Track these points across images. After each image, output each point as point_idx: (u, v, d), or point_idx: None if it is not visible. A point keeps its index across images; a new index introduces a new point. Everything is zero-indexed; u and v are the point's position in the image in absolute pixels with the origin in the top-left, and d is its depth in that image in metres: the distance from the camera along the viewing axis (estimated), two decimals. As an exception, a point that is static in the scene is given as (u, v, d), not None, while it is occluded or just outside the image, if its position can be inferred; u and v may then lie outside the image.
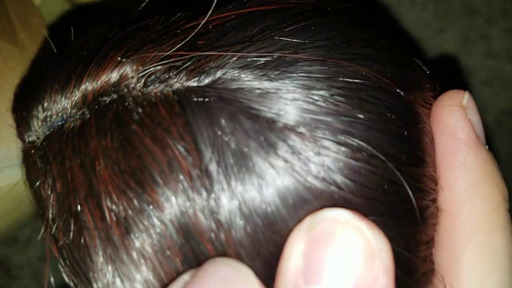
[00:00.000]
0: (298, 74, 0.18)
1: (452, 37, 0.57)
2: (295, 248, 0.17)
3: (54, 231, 0.19)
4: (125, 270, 0.18)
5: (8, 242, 0.55)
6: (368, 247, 0.17)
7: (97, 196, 0.18)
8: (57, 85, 0.20)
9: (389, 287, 0.17)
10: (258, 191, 0.18)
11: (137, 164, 0.18)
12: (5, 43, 0.31)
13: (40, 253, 0.55)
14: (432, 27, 0.57)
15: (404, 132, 0.20)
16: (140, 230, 0.18)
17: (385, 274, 0.17)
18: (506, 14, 0.56)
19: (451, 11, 0.57)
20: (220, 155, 0.18)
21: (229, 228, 0.18)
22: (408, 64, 0.22)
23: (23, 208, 0.35)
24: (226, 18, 0.20)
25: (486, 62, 0.56)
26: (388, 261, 0.17)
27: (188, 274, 0.17)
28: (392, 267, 0.17)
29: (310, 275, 0.17)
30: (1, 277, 0.55)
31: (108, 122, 0.19)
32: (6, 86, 0.29)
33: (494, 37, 0.56)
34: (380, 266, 0.17)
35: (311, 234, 0.17)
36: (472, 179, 0.21)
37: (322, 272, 0.17)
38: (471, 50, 0.57)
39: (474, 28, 0.57)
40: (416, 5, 0.57)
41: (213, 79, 0.19)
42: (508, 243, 0.21)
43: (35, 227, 0.55)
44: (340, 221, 0.17)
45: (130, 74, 0.19)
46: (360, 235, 0.17)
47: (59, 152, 0.19)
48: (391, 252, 0.17)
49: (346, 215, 0.17)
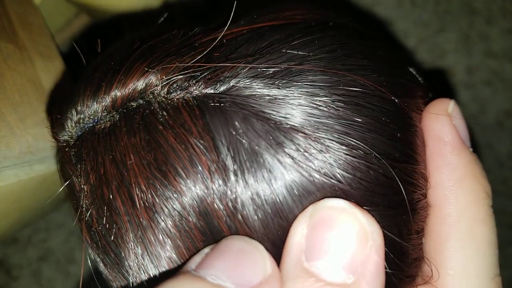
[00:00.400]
0: (303, 82, 0.22)
1: (452, 37, 0.58)
2: (299, 230, 0.21)
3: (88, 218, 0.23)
4: (153, 249, 0.22)
5: (8, 242, 0.57)
6: (362, 230, 0.20)
7: (128, 186, 0.21)
8: (89, 91, 0.23)
9: (380, 264, 0.20)
10: (268, 183, 0.21)
11: (162, 159, 0.21)
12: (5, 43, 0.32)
13: (40, 253, 0.57)
14: (432, 27, 0.58)
15: (398, 134, 0.23)
16: (165, 214, 0.21)
17: (376, 253, 0.20)
18: (506, 14, 0.58)
19: (451, 11, 0.58)
20: (235, 152, 0.21)
21: (242, 214, 0.21)
22: (402, 73, 0.25)
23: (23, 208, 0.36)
24: (238, 33, 0.23)
25: (486, 62, 0.58)
26: (379, 242, 0.20)
27: (208, 248, 0.21)
28: (382, 248, 0.21)
29: (311, 253, 0.20)
30: (1, 277, 0.56)
31: (136, 123, 0.22)
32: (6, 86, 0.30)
33: (494, 37, 0.58)
34: (372, 246, 0.20)
35: (313, 219, 0.21)
36: (456, 177, 0.25)
37: (322, 250, 0.20)
38: (471, 50, 0.58)
39: (474, 28, 0.58)
40: (416, 5, 0.58)
41: (228, 87, 0.22)
42: (489, 234, 0.25)
43: (35, 227, 0.57)
44: (338, 209, 0.21)
45: (155, 83, 0.22)
46: (354, 220, 0.20)
47: (92, 149, 0.23)
48: (382, 236, 0.21)
49: (343, 204, 0.21)
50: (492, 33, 0.58)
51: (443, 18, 0.58)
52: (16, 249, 0.57)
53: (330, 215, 0.20)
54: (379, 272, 0.20)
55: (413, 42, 0.58)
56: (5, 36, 0.33)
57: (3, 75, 0.31)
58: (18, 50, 0.33)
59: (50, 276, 0.57)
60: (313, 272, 0.20)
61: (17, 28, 0.34)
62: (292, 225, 0.21)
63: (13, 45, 0.33)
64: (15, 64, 0.32)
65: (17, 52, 0.33)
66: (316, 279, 0.20)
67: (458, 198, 0.25)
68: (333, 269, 0.20)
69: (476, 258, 0.25)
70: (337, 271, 0.20)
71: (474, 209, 0.25)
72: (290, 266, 0.21)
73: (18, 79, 0.32)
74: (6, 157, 0.29)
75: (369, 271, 0.20)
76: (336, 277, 0.20)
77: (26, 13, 0.36)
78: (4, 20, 0.34)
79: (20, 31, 0.35)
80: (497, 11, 0.58)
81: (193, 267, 0.20)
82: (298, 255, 0.20)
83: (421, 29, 0.58)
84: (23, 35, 0.35)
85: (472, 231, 0.25)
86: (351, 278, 0.20)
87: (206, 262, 0.20)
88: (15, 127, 0.30)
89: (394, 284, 0.23)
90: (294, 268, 0.20)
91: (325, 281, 0.20)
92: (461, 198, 0.25)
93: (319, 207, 0.21)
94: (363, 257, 0.20)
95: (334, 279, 0.20)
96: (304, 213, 0.21)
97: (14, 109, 0.30)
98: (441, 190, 0.25)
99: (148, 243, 0.21)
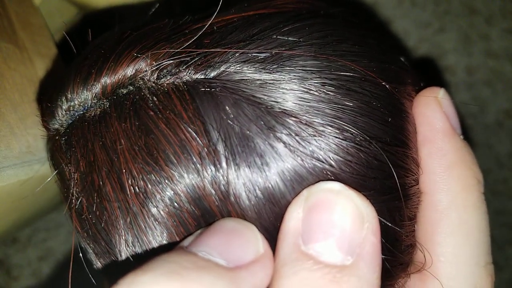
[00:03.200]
0: (294, 67, 0.22)
1: (452, 37, 0.58)
2: (294, 214, 0.21)
3: (78, 206, 0.23)
4: (143, 236, 0.21)
5: (8, 242, 0.57)
6: (358, 212, 0.20)
7: (118, 172, 0.21)
8: (79, 78, 0.23)
9: (377, 245, 0.20)
10: (259, 168, 0.21)
11: (153, 145, 0.21)
12: (5, 43, 0.32)
13: (40, 253, 0.57)
14: (432, 27, 0.58)
15: (389, 119, 0.23)
16: (157, 200, 0.21)
17: (373, 234, 0.20)
18: (506, 14, 0.58)
19: (451, 11, 0.58)
20: (226, 137, 0.21)
21: (234, 199, 0.21)
22: (392, 61, 0.25)
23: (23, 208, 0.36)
24: (229, 20, 0.23)
25: (486, 62, 0.58)
26: (375, 223, 0.20)
27: (201, 230, 0.21)
28: (378, 229, 0.21)
29: (308, 236, 0.20)
30: (1, 277, 0.56)
31: (127, 109, 0.22)
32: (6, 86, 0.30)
33: (494, 37, 0.58)
34: (369, 227, 0.20)
35: (308, 202, 0.21)
36: (446, 163, 0.25)
37: (319, 233, 0.20)
38: (471, 50, 0.58)
39: (474, 28, 0.58)
40: (416, 6, 0.58)
41: (218, 72, 0.22)
42: (480, 220, 0.25)
43: (35, 227, 0.57)
44: (334, 191, 0.20)
45: (145, 68, 0.22)
46: (350, 202, 0.20)
47: (82, 136, 0.23)
48: (377, 218, 0.21)
49: (338, 186, 0.21)
50: (492, 33, 0.58)
51: (443, 18, 0.58)
52: (16, 249, 0.57)
53: (326, 198, 0.20)
54: (376, 253, 0.20)
55: (413, 42, 0.58)
56: (5, 36, 0.33)
57: (3, 75, 0.31)
58: (18, 50, 0.33)
59: (50, 276, 0.56)
60: (311, 255, 0.20)
61: (17, 28, 0.34)
62: (287, 209, 0.21)
63: (13, 45, 0.33)
64: (15, 64, 0.32)
65: (17, 52, 0.33)
66: (314, 262, 0.20)
67: (448, 185, 0.25)
68: (331, 251, 0.20)
69: (467, 245, 0.25)
70: (335, 253, 0.20)
71: (464, 195, 0.25)
72: (287, 250, 0.20)
73: (18, 79, 0.31)
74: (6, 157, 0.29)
75: (367, 252, 0.20)
76: (334, 259, 0.20)
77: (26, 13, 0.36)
78: (4, 20, 0.34)
79: (20, 31, 0.34)
80: (497, 11, 0.58)
81: (186, 245, 0.20)
82: (295, 238, 0.20)
83: (421, 29, 0.58)
84: (23, 35, 0.34)
85: (462, 217, 0.25)
86: (349, 260, 0.20)
87: (199, 239, 0.20)
88: (15, 127, 0.30)
89: (387, 271, 0.23)
90: (291, 251, 0.20)
91: (324, 263, 0.20)
92: (451, 184, 0.25)
93: (314, 190, 0.21)
94: (361, 238, 0.20)
95: (333, 260, 0.20)
96: (299, 196, 0.21)
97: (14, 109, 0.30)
98: (431, 176, 0.25)
99: (138, 229, 0.21)
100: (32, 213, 0.41)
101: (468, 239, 0.25)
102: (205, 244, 0.19)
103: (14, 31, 0.34)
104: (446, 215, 0.25)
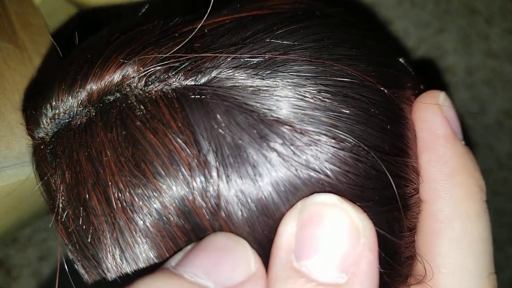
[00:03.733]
0: (288, 73, 0.21)
1: (452, 37, 0.57)
2: (287, 228, 0.20)
3: (64, 219, 0.21)
4: (131, 250, 0.20)
5: (8, 242, 0.56)
6: (354, 226, 0.19)
7: (104, 185, 0.20)
8: (64, 85, 0.22)
9: (373, 262, 0.19)
10: (252, 179, 0.20)
11: (140, 156, 0.20)
12: (5, 43, 0.32)
13: (40, 253, 0.56)
14: (432, 27, 0.57)
15: (387, 126, 0.22)
16: (144, 214, 0.20)
17: (370, 250, 0.19)
18: (506, 14, 0.57)
19: (451, 11, 0.57)
20: (217, 147, 0.20)
21: (226, 212, 0.20)
22: (392, 63, 0.24)
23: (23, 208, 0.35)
24: (221, 22, 0.22)
25: (486, 62, 0.57)
26: (372, 239, 0.19)
27: (191, 245, 0.20)
28: (376, 245, 0.19)
29: (301, 252, 0.19)
30: (1, 277, 0.55)
31: (113, 118, 0.21)
32: (6, 86, 0.30)
33: (494, 37, 0.57)
34: (365, 243, 0.19)
35: (302, 216, 0.20)
36: (448, 170, 0.24)
37: (312, 249, 0.19)
38: (471, 50, 0.57)
39: (474, 28, 0.57)
40: (416, 6, 0.57)
41: (209, 78, 0.21)
42: (483, 230, 0.24)
43: (35, 227, 0.56)
44: (328, 204, 0.19)
45: (132, 75, 0.21)
46: (345, 216, 0.19)
47: (67, 146, 0.21)
48: (375, 232, 0.20)
49: (333, 199, 0.20)
50: (492, 33, 0.57)
51: (443, 18, 0.57)
52: (16, 249, 0.56)
53: (320, 212, 0.19)
54: (372, 270, 0.19)
55: (413, 42, 0.58)
56: (5, 36, 0.32)
57: (3, 75, 0.30)
58: (18, 50, 0.33)
59: (50, 276, 0.56)
60: (303, 272, 0.19)
61: (17, 28, 0.34)
62: (280, 223, 0.20)
63: (13, 45, 0.33)
64: (15, 64, 0.32)
65: (17, 52, 0.33)
66: (306, 279, 0.19)
67: (450, 193, 0.24)
68: (324, 269, 0.19)
69: (469, 256, 0.24)
70: (329, 270, 0.19)
71: (467, 204, 0.24)
72: (279, 266, 0.19)
73: (18, 79, 0.31)
74: (6, 157, 0.28)
75: (362, 270, 0.19)
76: (328, 277, 0.19)
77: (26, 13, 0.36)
78: (4, 20, 0.33)
79: (20, 31, 0.34)
80: (497, 11, 0.57)
81: (173, 265, 0.19)
82: (287, 254, 0.19)
83: (421, 29, 0.57)
84: (23, 35, 0.34)
85: (465, 227, 0.24)
86: (343, 278, 0.19)
87: (186, 259, 0.19)
88: (15, 127, 0.29)
89: (386, 284, 0.22)
90: (283, 268, 0.19)
91: (317, 281, 0.19)
92: (453, 192, 0.24)
93: (308, 203, 0.20)
94: (356, 255, 0.19)
95: (326, 279, 0.19)
96: (292, 209, 0.20)
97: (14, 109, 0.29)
98: (433, 184, 0.24)
99: (126, 244, 0.20)
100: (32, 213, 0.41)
101: (470, 249, 0.24)
102: (192, 264, 0.19)
103: (14, 31, 0.33)
104: (448, 224, 0.24)
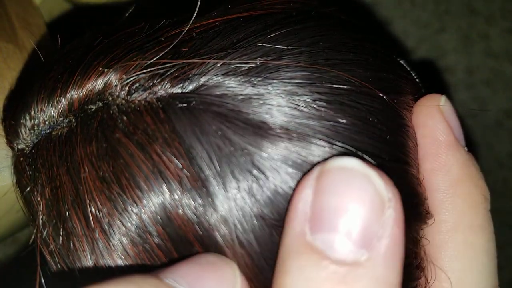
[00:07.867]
0: (281, 80, 0.19)
1: (452, 37, 0.57)
2: (303, 195, 0.17)
3: (45, 236, 0.20)
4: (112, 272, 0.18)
5: (8, 242, 0.55)
6: (377, 196, 0.16)
7: (82, 202, 0.18)
8: (43, 94, 0.20)
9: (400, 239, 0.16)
10: (248, 193, 0.18)
11: (121, 171, 0.18)
12: (5, 43, 0.31)
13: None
14: (432, 27, 0.57)
15: (387, 136, 0.20)
16: (123, 234, 0.18)
17: (396, 224, 0.16)
18: (506, 14, 0.56)
19: (451, 11, 0.57)
20: (207, 158, 0.18)
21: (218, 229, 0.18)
22: (391, 68, 0.22)
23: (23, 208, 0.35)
24: (210, 25, 0.20)
25: (486, 62, 0.56)
26: (399, 211, 0.16)
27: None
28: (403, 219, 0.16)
29: (316, 223, 0.16)
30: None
31: (93, 130, 0.19)
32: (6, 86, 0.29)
33: (494, 37, 0.56)
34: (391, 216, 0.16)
35: (319, 182, 0.16)
36: (451, 179, 0.22)
37: (328, 220, 0.16)
38: (471, 50, 0.56)
39: (474, 28, 0.56)
40: (416, 5, 0.57)
41: (197, 85, 0.19)
42: (487, 242, 0.22)
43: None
44: (348, 169, 0.16)
45: (114, 83, 0.19)
46: (368, 183, 0.16)
47: (47, 159, 0.20)
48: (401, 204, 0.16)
49: (355, 163, 0.17)
50: (492, 33, 0.57)
51: (443, 18, 0.57)
52: (16, 249, 0.55)
53: (339, 178, 0.16)
54: (398, 248, 0.16)
55: (413, 42, 0.57)
56: (5, 36, 0.32)
57: (3, 75, 0.29)
58: (18, 50, 0.32)
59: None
60: (317, 247, 0.16)
61: (17, 28, 0.33)
62: (295, 190, 0.17)
63: (13, 45, 0.32)
64: (15, 64, 0.31)
65: (17, 52, 0.32)
66: (321, 256, 0.16)
67: (454, 203, 0.22)
68: (342, 244, 0.16)
69: (473, 269, 0.22)
70: (347, 246, 0.16)
71: (471, 215, 0.22)
72: (291, 239, 0.16)
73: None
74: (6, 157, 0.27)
75: (386, 246, 0.16)
76: (345, 254, 0.16)
77: (26, 13, 0.35)
78: (4, 20, 0.33)
79: (20, 31, 0.33)
80: (497, 11, 0.57)
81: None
82: (301, 225, 0.16)
83: (421, 29, 0.57)
84: (23, 35, 0.33)
85: (469, 240, 0.22)
86: (364, 255, 0.16)
87: (169, 268, 0.17)
88: None
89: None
90: (296, 241, 0.16)
91: (332, 259, 0.16)
92: (457, 203, 0.22)
93: (327, 168, 0.17)
94: (380, 228, 0.16)
95: (343, 256, 0.16)
96: (310, 175, 0.17)
97: None
98: (435, 194, 0.22)
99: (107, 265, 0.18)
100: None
101: (474, 263, 0.22)
102: (175, 272, 0.16)
103: (14, 31, 0.33)
104: (451, 237, 0.22)
